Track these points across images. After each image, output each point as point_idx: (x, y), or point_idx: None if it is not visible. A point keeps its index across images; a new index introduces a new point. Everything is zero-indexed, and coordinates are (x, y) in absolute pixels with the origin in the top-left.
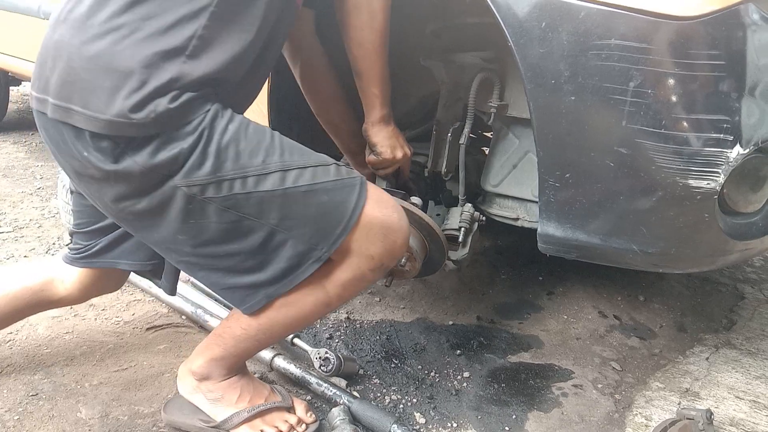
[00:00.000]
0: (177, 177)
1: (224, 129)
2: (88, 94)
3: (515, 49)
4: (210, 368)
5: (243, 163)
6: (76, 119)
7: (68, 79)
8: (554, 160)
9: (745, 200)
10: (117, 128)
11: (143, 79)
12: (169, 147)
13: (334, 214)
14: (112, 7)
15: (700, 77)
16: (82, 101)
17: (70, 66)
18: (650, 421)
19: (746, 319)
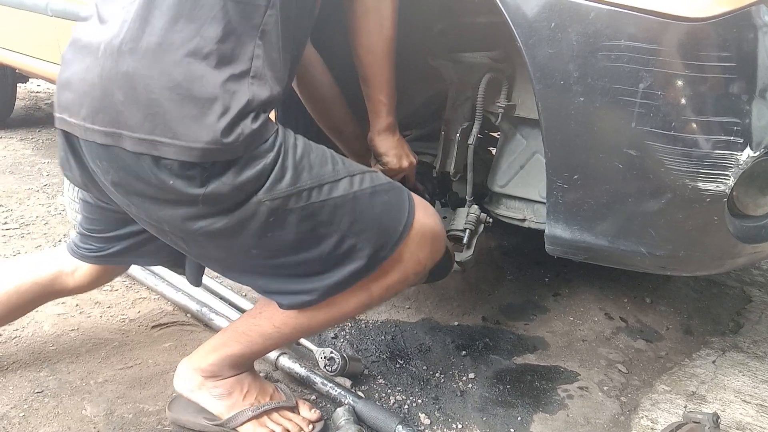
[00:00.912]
0: (261, 192)
1: (295, 143)
2: (175, 124)
3: (524, 49)
4: (222, 366)
5: (316, 172)
6: (165, 151)
7: (150, 111)
8: (562, 161)
9: (754, 203)
10: (209, 155)
11: (226, 105)
12: (253, 164)
13: (395, 214)
14: (183, 32)
15: (711, 79)
16: (170, 132)
17: (151, 98)
18: (656, 424)
19: (753, 322)
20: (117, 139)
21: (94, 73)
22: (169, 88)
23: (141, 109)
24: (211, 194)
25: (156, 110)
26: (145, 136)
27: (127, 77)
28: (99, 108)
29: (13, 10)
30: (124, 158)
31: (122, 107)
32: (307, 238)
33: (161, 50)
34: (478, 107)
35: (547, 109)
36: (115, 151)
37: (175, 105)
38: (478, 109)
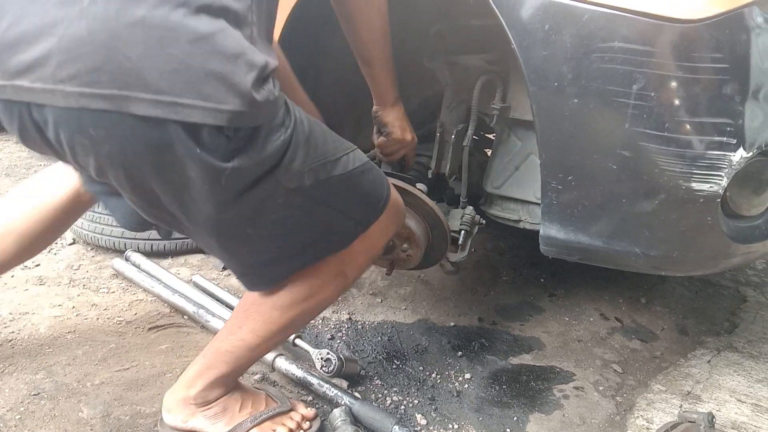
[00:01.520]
0: (278, 170)
1: (301, 119)
2: (203, 83)
3: (518, 51)
4: (212, 389)
5: (321, 150)
6: (188, 113)
7: (168, 68)
8: (557, 162)
9: (748, 203)
10: (238, 118)
11: (251, 62)
12: (274, 138)
13: (378, 191)
14: None
15: (704, 80)
16: (197, 93)
17: (169, 53)
18: (651, 424)
19: (748, 322)
20: (122, 103)
21: (79, 25)
22: (191, 42)
23: (157, 65)
24: (236, 170)
25: (176, 67)
26: (163, 98)
27: (139, 28)
28: (94, 67)
29: None
30: (130, 125)
31: (132, 64)
32: (304, 215)
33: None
34: (473, 109)
35: (541, 110)
36: (118, 118)
37: (199, 60)
38: (473, 111)
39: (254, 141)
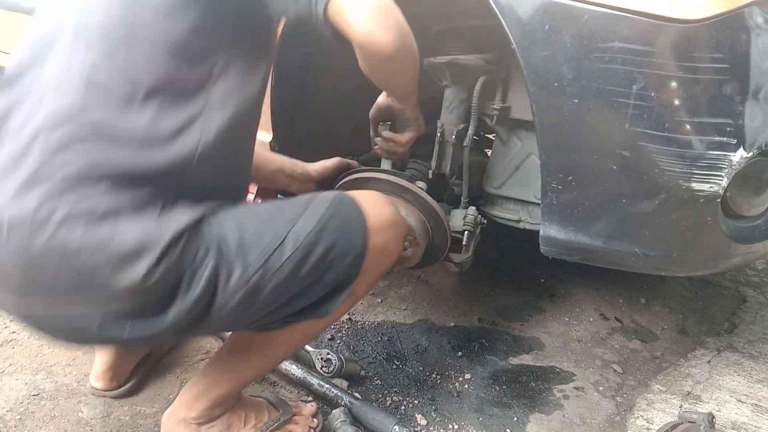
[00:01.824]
0: (218, 296)
1: (223, 235)
2: (99, 283)
3: (518, 51)
4: (214, 407)
5: (259, 246)
6: (103, 305)
7: (74, 275)
8: (557, 162)
9: (748, 204)
10: (140, 302)
11: (145, 252)
12: (197, 279)
13: (350, 230)
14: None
15: (704, 80)
16: (100, 289)
17: (73, 268)
18: (651, 424)
19: (748, 323)
20: (50, 308)
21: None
22: (91, 254)
23: (66, 276)
24: (177, 321)
25: (79, 274)
26: (65, 298)
27: (48, 255)
28: (21, 289)
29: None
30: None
31: (46, 281)
32: (282, 291)
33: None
34: (474, 109)
35: (541, 110)
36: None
37: (98, 267)
38: (473, 112)
39: (178, 292)
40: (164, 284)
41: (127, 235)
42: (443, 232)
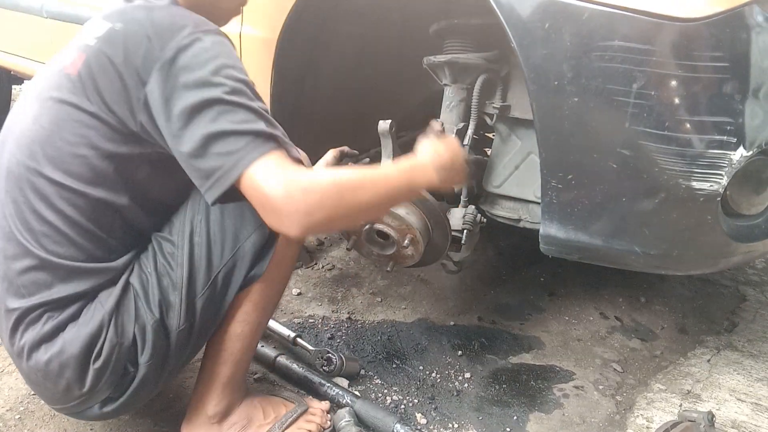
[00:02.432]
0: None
1: (139, 284)
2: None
3: (518, 50)
4: (224, 397)
5: (163, 287)
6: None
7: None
8: (557, 161)
9: (747, 202)
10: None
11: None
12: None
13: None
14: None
15: (704, 79)
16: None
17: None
18: (651, 423)
19: (748, 321)
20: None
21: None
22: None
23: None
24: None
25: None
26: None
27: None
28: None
29: (8, 11)
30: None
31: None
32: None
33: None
34: (474, 108)
35: (541, 109)
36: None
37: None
38: (473, 111)
39: (136, 353)
40: (118, 358)
41: (74, 342)
42: (444, 230)
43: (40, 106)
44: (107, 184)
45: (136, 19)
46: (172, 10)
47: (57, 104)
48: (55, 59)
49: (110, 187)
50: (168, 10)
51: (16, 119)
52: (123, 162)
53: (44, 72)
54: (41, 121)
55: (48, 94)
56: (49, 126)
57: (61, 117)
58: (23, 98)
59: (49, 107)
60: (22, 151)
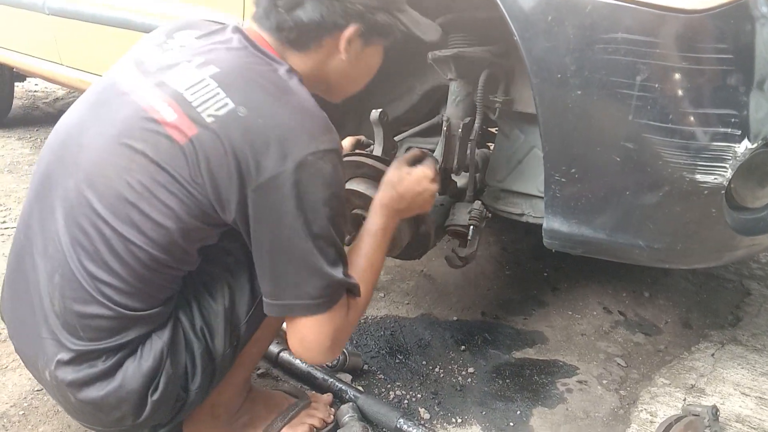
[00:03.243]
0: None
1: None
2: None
3: (521, 43)
4: (239, 396)
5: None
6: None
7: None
8: (560, 155)
9: (752, 195)
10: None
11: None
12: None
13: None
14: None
15: (708, 71)
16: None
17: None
18: (655, 417)
19: (752, 316)
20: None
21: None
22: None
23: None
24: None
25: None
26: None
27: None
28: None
29: (10, 8)
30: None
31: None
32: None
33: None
34: (478, 102)
35: (544, 102)
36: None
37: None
38: (478, 105)
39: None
40: (173, 387)
41: (135, 377)
42: (426, 230)
43: (128, 159)
44: (179, 253)
45: (264, 112)
46: (300, 104)
47: (152, 166)
48: (130, 86)
49: (182, 255)
50: (296, 105)
51: (85, 145)
52: (201, 236)
53: (118, 104)
54: (130, 178)
55: (139, 148)
56: (139, 188)
57: (156, 183)
58: (90, 119)
59: (141, 166)
60: (101, 199)
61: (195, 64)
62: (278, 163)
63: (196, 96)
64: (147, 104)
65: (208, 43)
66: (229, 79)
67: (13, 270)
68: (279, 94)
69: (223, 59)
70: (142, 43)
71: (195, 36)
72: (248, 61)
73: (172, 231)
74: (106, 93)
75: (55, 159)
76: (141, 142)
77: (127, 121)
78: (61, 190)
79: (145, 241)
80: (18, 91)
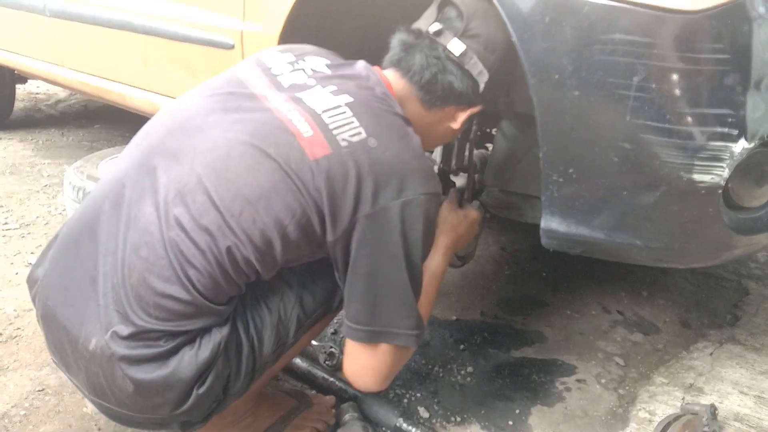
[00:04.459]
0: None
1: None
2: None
3: (519, 43)
4: (241, 405)
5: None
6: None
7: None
8: (558, 155)
9: (749, 195)
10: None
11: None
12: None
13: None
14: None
15: (705, 71)
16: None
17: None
18: (654, 416)
19: (750, 315)
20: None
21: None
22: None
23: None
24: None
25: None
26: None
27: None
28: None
29: (10, 10)
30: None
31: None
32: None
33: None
34: None
35: (542, 103)
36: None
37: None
38: None
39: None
40: (218, 386)
41: (190, 366)
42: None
43: (257, 160)
44: (268, 264)
45: (391, 147)
46: (418, 149)
47: (279, 172)
48: (262, 92)
49: (269, 265)
50: (416, 148)
51: (210, 135)
52: (296, 255)
53: (250, 106)
54: (253, 178)
55: (271, 153)
56: (259, 189)
57: (278, 189)
58: (216, 110)
59: (269, 169)
60: (217, 189)
61: (329, 90)
62: (394, 196)
63: (332, 119)
64: (284, 116)
65: (339, 73)
66: (362, 111)
67: (80, 232)
68: (403, 136)
69: (354, 92)
70: (270, 55)
71: (326, 63)
72: (375, 99)
73: (274, 242)
74: (235, 90)
75: (170, 138)
76: (274, 148)
77: (262, 127)
78: (174, 170)
79: (247, 239)
80: (20, 93)
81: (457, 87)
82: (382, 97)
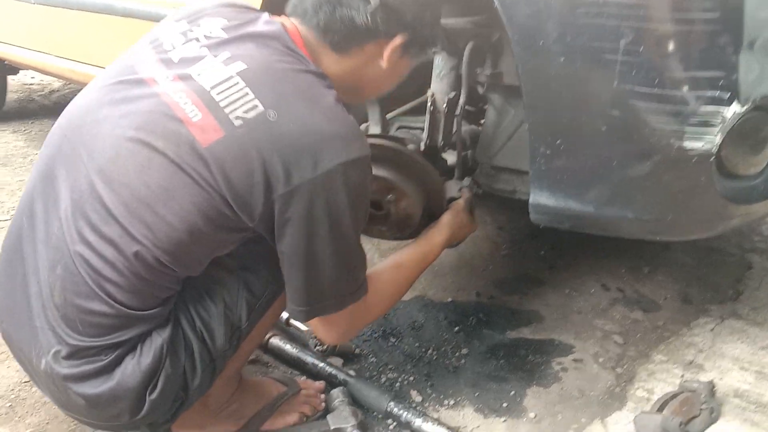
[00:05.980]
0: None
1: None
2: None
3: (501, 10)
4: (231, 387)
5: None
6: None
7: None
8: (544, 126)
9: (744, 162)
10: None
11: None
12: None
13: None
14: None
15: (694, 31)
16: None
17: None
18: (652, 395)
19: (753, 289)
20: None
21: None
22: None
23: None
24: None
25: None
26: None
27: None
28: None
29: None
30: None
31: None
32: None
33: None
34: (464, 76)
35: (527, 72)
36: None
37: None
38: (463, 79)
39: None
40: (173, 387)
41: (134, 375)
42: (439, 195)
43: (146, 158)
44: (186, 259)
45: (296, 117)
46: (332, 110)
47: (172, 167)
48: (150, 74)
49: (189, 261)
50: (328, 111)
51: (100, 135)
52: (216, 244)
53: (137, 94)
54: (147, 178)
55: (159, 147)
56: (155, 189)
57: (174, 185)
58: (107, 105)
59: (160, 165)
60: (112, 195)
61: (221, 59)
62: (309, 171)
63: (223, 95)
64: (170, 100)
65: (236, 35)
66: (259, 79)
67: (10, 253)
68: (311, 98)
69: (252, 56)
70: (164, 27)
71: (222, 26)
72: (278, 59)
73: (184, 236)
74: (123, 78)
75: (66, 143)
76: (162, 140)
77: (149, 117)
78: (71, 179)
79: (154, 242)
80: (13, 84)
81: (361, 20)
82: (287, 52)
